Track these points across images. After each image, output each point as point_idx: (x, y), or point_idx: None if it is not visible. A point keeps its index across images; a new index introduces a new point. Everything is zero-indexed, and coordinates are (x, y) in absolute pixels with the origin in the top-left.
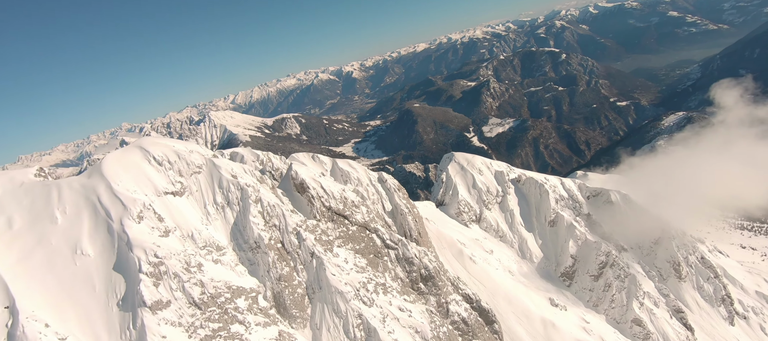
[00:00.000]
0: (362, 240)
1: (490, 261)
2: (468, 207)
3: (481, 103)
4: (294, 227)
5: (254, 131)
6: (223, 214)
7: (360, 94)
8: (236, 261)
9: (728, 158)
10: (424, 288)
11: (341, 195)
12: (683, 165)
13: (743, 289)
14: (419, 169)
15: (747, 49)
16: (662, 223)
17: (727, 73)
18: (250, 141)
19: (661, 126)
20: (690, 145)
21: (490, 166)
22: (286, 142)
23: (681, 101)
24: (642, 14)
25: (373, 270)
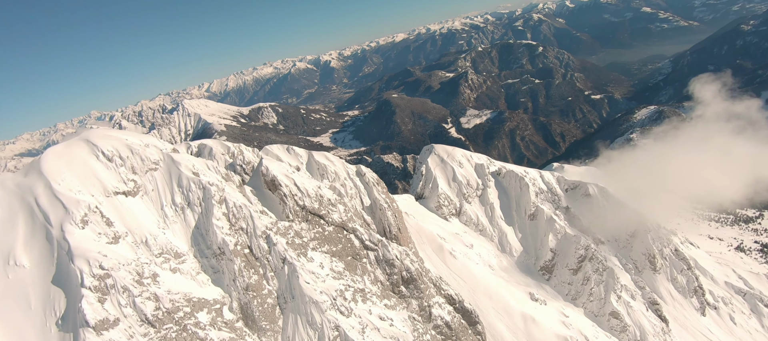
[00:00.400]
0: (339, 242)
1: (470, 255)
2: (448, 201)
3: (459, 94)
4: (263, 230)
5: (230, 120)
6: (182, 216)
7: (338, 83)
8: (198, 269)
9: (705, 153)
10: (406, 291)
11: (316, 193)
12: (661, 159)
13: (713, 280)
14: (397, 160)
15: (716, 45)
16: (639, 216)
17: (697, 69)
18: (225, 131)
19: (633, 119)
20: (668, 139)
21: (471, 158)
22: (263, 131)
23: (653, 95)
24: (616, 9)
25: (351, 274)
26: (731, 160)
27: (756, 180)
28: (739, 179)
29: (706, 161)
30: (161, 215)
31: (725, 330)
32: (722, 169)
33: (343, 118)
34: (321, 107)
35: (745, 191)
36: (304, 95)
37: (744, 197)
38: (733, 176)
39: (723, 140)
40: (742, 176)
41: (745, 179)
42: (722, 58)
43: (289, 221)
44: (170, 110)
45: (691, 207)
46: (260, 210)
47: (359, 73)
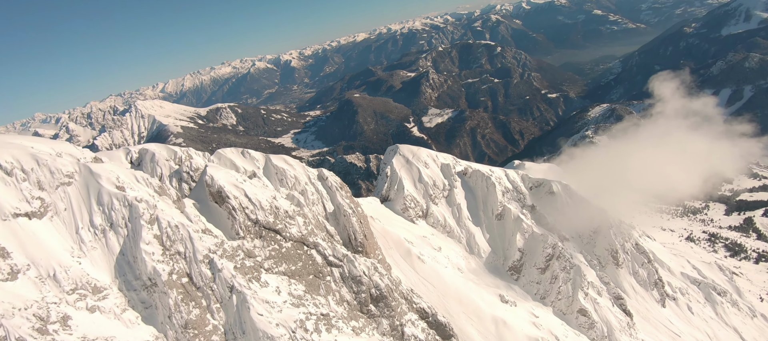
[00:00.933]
0: (299, 259)
1: (439, 259)
2: (414, 202)
3: (421, 93)
4: (206, 254)
5: (186, 121)
6: (104, 241)
7: (299, 83)
8: (124, 304)
9: (664, 149)
10: (375, 309)
11: (272, 204)
12: (622, 156)
13: (671, 271)
14: (360, 160)
15: (661, 46)
16: (601, 212)
17: (645, 69)
18: (181, 132)
19: (587, 117)
20: (629, 136)
21: (436, 158)
22: (222, 133)
23: (605, 94)
24: (570, 11)
25: (314, 295)
26: (688, 155)
27: (712, 174)
28: (695, 174)
29: (665, 158)
30: (76, 240)
31: (684, 320)
32: (680, 165)
33: (304, 118)
34: (282, 107)
35: (702, 186)
36: (265, 95)
37: (701, 191)
38: (690, 172)
39: (680, 136)
40: (698, 172)
41: (702, 174)
42: (668, 59)
43: (239, 238)
44: (122, 112)
45: (648, 201)
46: (203, 229)
47: (321, 73)
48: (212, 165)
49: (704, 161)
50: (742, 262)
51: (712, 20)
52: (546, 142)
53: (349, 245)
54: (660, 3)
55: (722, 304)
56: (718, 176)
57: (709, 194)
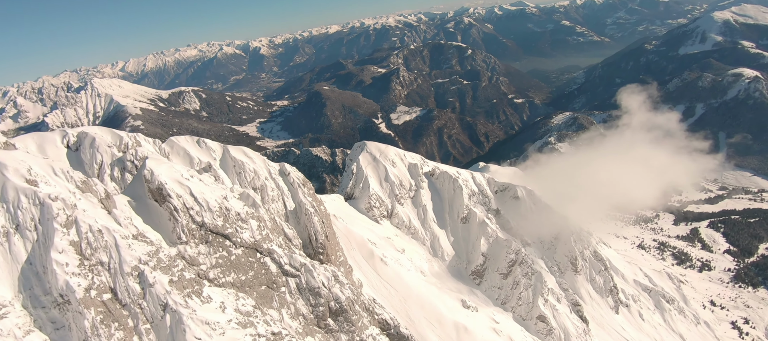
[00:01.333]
0: (250, 268)
1: (402, 261)
2: (379, 202)
3: (391, 90)
4: (135, 266)
5: (146, 103)
6: (6, 246)
7: (268, 72)
8: (29, 325)
9: (627, 161)
10: (334, 324)
11: (221, 205)
12: (587, 165)
13: (624, 279)
14: (326, 153)
15: (623, 60)
16: (563, 219)
17: (606, 81)
18: (140, 115)
19: (551, 124)
20: (594, 146)
21: (404, 158)
22: (184, 118)
23: (568, 102)
24: (540, 20)
25: (265, 309)
26: (650, 168)
27: (670, 188)
28: (655, 187)
29: (628, 169)
30: None
31: (635, 327)
32: (641, 177)
33: (271, 108)
34: (248, 95)
35: (659, 199)
36: (231, 81)
37: (658, 202)
38: (650, 185)
39: (644, 149)
40: (658, 185)
41: (661, 187)
42: (628, 73)
43: (181, 243)
44: (77, 89)
45: (606, 210)
46: (134, 235)
47: (290, 63)
48: (154, 157)
49: (664, 174)
50: (687, 270)
51: (671, 39)
52: (510, 146)
53: (309, 246)
54: (624, 19)
55: (670, 311)
56: (675, 189)
57: (661, 205)
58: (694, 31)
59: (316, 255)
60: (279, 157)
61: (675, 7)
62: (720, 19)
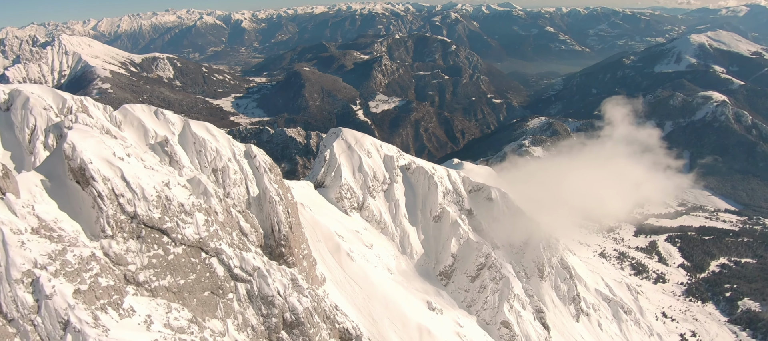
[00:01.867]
0: (192, 270)
1: (369, 257)
2: (351, 193)
3: (372, 78)
4: (28, 270)
5: (117, 66)
6: None
7: (248, 46)
8: None
9: (604, 173)
10: (288, 337)
11: (161, 193)
12: (564, 173)
13: (586, 287)
14: (301, 135)
15: (601, 72)
16: (534, 224)
17: (583, 90)
18: (110, 78)
19: (526, 127)
20: (573, 154)
21: (380, 148)
22: (156, 85)
23: (545, 107)
24: (525, 23)
25: (206, 320)
26: (626, 182)
27: (642, 202)
28: (628, 201)
29: (604, 181)
30: None
31: (594, 336)
32: (616, 190)
33: (248, 83)
34: (226, 68)
35: (630, 212)
36: (209, 52)
37: (628, 216)
38: (624, 198)
39: (622, 162)
40: (632, 199)
41: (634, 201)
42: (605, 85)
43: (105, 237)
44: (43, 44)
45: (576, 218)
46: (35, 227)
47: (272, 39)
48: (80, 128)
49: (639, 189)
50: (643, 281)
51: (648, 56)
52: (485, 145)
53: (270, 237)
54: (605, 32)
55: (627, 322)
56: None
57: (626, 216)
58: (671, 51)
59: (278, 247)
60: (252, 135)
61: (655, 25)
62: (696, 42)
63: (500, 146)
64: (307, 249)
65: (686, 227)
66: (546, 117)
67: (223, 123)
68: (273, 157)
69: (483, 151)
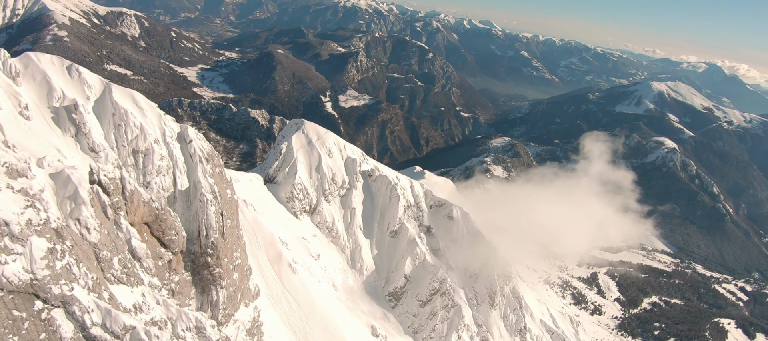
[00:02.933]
0: (15, 330)
1: (314, 269)
2: (304, 194)
3: (345, 72)
4: None
5: (79, 15)
6: None
7: (224, 19)
8: None
9: (570, 207)
10: None
11: None
12: (530, 201)
13: (532, 317)
14: (264, 118)
15: (566, 103)
16: (491, 250)
17: (547, 118)
18: (68, 26)
19: (490, 144)
20: (545, 183)
21: (343, 149)
22: (118, 42)
23: (509, 128)
24: (502, 44)
25: None
26: (591, 220)
27: (606, 245)
28: (589, 241)
29: (570, 216)
30: None
31: None
32: (580, 228)
33: (218, 56)
34: (197, 36)
35: (588, 254)
36: (181, 17)
37: (586, 254)
38: (585, 237)
39: (591, 200)
40: (593, 239)
41: (595, 243)
42: (569, 116)
43: None
44: None
45: (535, 249)
46: None
47: (250, 16)
48: None
49: (603, 230)
50: (581, 311)
51: (611, 95)
52: (448, 156)
53: (195, 242)
54: (575, 65)
55: None
56: (605, 242)
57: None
58: (633, 93)
59: (203, 255)
60: (213, 109)
61: (621, 67)
62: (656, 89)
63: (462, 160)
64: (242, 258)
65: (625, 262)
66: (509, 138)
67: (184, 93)
68: (233, 137)
69: (445, 161)
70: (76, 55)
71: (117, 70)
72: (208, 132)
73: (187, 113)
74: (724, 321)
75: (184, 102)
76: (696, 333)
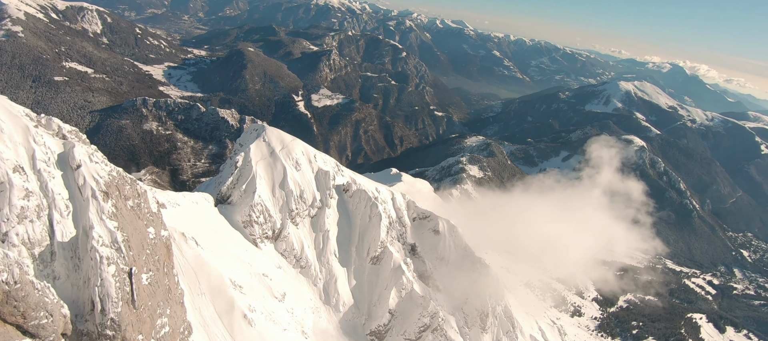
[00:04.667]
0: None
1: (277, 315)
2: (266, 216)
3: (318, 71)
4: None
5: (35, 9)
6: None
7: (192, 15)
8: None
9: (574, 221)
10: None
11: None
12: (524, 211)
13: (522, 333)
14: (234, 117)
15: (538, 102)
16: (482, 267)
17: (519, 116)
18: (23, 20)
19: (464, 143)
20: (543, 191)
21: (314, 160)
22: (78, 39)
23: (483, 127)
24: (474, 44)
25: None
26: (594, 235)
27: (610, 261)
28: (592, 258)
29: (572, 232)
30: None
31: None
32: (583, 243)
33: (186, 54)
34: (164, 33)
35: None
36: (147, 13)
37: (585, 272)
38: (587, 253)
39: (598, 214)
40: (596, 257)
41: (598, 259)
42: (540, 114)
43: None
44: None
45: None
46: None
47: (219, 13)
48: None
49: (610, 247)
50: (562, 314)
51: (580, 94)
52: (423, 155)
53: (88, 318)
54: (545, 65)
55: None
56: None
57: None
58: (602, 92)
59: (100, 337)
60: (180, 109)
61: (589, 67)
62: (624, 88)
63: (437, 159)
64: (174, 320)
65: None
66: (483, 137)
67: (150, 92)
68: (202, 137)
69: (420, 161)
70: (31, 52)
71: (77, 67)
72: (175, 133)
73: (153, 112)
74: (697, 317)
75: (149, 101)
76: (672, 331)
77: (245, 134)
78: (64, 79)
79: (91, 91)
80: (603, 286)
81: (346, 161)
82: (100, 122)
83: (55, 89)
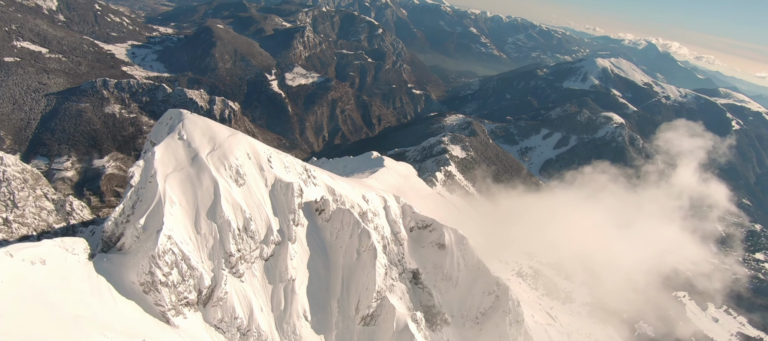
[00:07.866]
0: None
1: None
2: (182, 269)
3: (292, 48)
4: None
5: None
6: None
7: None
8: None
9: (629, 230)
10: None
11: None
12: (567, 213)
13: None
14: (204, 98)
15: (516, 79)
16: (499, 288)
17: (498, 94)
18: None
19: (444, 122)
20: (594, 189)
21: (268, 165)
22: (30, 16)
23: (461, 105)
24: (451, 20)
25: None
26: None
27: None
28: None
29: (622, 243)
30: None
31: None
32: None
33: (151, 32)
34: (127, 10)
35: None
36: None
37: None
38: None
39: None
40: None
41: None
42: (519, 91)
43: None
44: None
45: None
46: None
47: None
48: None
49: (666, 261)
50: (554, 301)
51: (558, 71)
52: (401, 134)
53: None
54: (522, 42)
55: None
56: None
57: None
58: (579, 69)
59: None
60: (146, 90)
61: (565, 44)
62: (600, 65)
63: (417, 139)
64: None
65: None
66: (463, 115)
67: (111, 72)
68: None
69: (399, 141)
70: None
71: (29, 47)
72: (140, 116)
73: (114, 94)
74: (680, 294)
75: (110, 83)
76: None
77: (156, 128)
78: (14, 59)
79: (46, 72)
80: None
81: (324, 142)
82: (57, 105)
83: (6, 71)
